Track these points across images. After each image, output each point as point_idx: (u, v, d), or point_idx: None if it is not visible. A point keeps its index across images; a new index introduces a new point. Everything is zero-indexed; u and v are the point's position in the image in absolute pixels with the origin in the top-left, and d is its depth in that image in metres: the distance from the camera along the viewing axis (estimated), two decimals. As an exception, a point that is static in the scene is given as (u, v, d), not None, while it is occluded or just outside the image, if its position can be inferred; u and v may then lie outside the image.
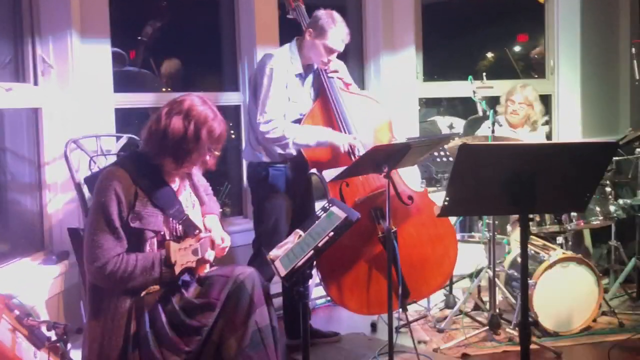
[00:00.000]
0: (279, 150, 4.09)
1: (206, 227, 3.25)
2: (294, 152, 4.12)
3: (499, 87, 5.52)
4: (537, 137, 5.43)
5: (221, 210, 3.66)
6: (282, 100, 4.02)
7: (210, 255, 3.13)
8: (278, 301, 4.51)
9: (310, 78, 4.26)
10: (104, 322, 2.90)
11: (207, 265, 3.19)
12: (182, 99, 3.03)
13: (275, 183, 4.15)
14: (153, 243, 2.97)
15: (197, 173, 3.32)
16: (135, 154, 3.12)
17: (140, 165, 3.00)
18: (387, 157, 3.68)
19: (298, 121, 4.15)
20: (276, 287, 4.61)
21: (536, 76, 6.46)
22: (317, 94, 4.27)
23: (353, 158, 4.03)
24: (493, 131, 4.50)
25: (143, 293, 2.92)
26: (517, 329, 4.32)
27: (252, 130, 4.19)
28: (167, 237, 3.02)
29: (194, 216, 3.14)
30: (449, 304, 4.95)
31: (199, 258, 3.03)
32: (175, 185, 3.13)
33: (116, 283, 2.86)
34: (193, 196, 3.26)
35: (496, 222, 4.62)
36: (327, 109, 4.19)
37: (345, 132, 4.12)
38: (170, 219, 3.02)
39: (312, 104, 4.23)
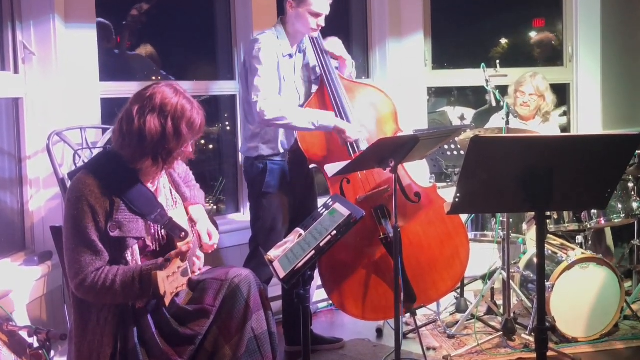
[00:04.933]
0: (280, 138, 4.11)
1: (192, 220, 3.21)
2: (295, 135, 4.12)
3: (513, 75, 5.50)
4: (550, 129, 5.41)
5: (215, 207, 3.64)
6: (275, 79, 4.04)
7: (198, 264, 3.11)
8: (278, 304, 4.52)
9: (300, 57, 4.28)
10: (92, 337, 2.88)
11: (198, 264, 3.17)
12: (151, 92, 2.92)
13: (273, 178, 4.15)
14: (134, 250, 2.93)
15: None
16: (107, 155, 3.04)
17: (113, 169, 2.93)
18: (394, 150, 3.67)
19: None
20: (276, 289, 4.62)
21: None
22: (308, 74, 4.31)
23: (352, 153, 4.02)
24: (507, 122, 4.49)
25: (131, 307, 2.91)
26: (533, 334, 4.31)
27: (248, 123, 4.20)
28: (149, 243, 2.98)
29: (178, 216, 3.08)
30: (460, 308, 4.94)
31: (189, 277, 3.00)
32: (153, 185, 3.08)
33: (97, 297, 2.84)
34: (174, 193, 3.20)
35: (511, 220, 4.61)
36: (324, 101, 4.19)
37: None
38: (152, 224, 2.97)
39: (303, 84, 4.26)
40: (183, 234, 2.98)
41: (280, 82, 4.08)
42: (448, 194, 4.53)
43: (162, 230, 3.01)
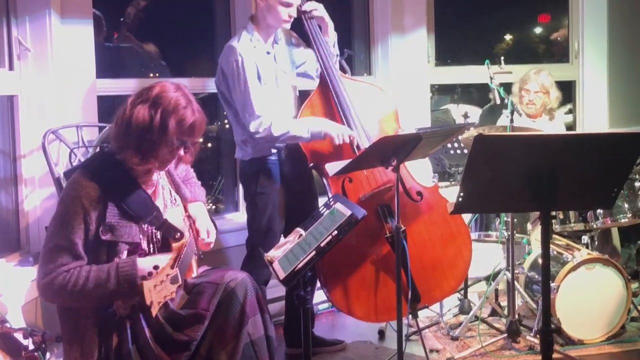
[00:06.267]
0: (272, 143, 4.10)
1: (191, 217, 3.20)
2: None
3: (518, 72, 5.50)
4: (556, 126, 5.41)
5: (214, 206, 3.63)
6: (261, 92, 4.01)
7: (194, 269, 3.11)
8: (278, 306, 4.52)
9: (278, 48, 4.26)
10: (82, 344, 2.85)
11: (194, 269, 3.16)
12: (152, 85, 2.92)
13: (268, 177, 4.14)
14: (125, 256, 2.90)
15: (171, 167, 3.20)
16: (104, 156, 3.03)
17: (110, 170, 2.91)
18: (396, 149, 3.67)
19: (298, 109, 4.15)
20: (276, 290, 4.62)
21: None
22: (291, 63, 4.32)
23: (356, 151, 4.02)
24: (512, 120, 4.48)
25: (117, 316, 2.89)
26: (538, 336, 4.31)
27: (237, 127, 4.19)
28: (144, 246, 2.96)
29: (174, 215, 3.05)
30: (464, 309, 4.94)
31: (180, 284, 2.97)
32: (151, 188, 3.05)
33: (67, 298, 2.79)
34: (174, 194, 3.19)
35: (515, 219, 4.60)
36: (327, 98, 4.19)
37: (346, 123, 4.11)
38: (146, 226, 2.95)
39: (285, 77, 4.24)
40: (178, 234, 2.96)
41: (265, 90, 4.05)
42: (451, 193, 4.52)
43: (158, 233, 3.00)
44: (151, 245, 3.00)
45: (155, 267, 2.85)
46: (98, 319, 2.86)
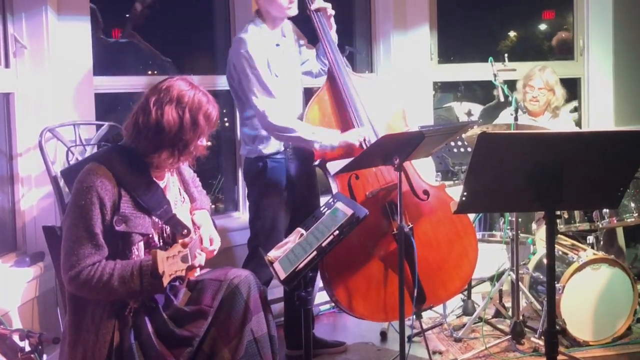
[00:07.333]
0: (277, 140, 4.10)
1: (195, 224, 3.23)
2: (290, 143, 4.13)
3: (522, 69, 5.49)
4: (561, 124, 5.40)
5: (213, 206, 3.64)
6: (271, 80, 4.04)
7: (200, 259, 3.12)
8: (278, 307, 4.51)
9: (285, 41, 4.27)
10: (87, 336, 2.88)
11: (198, 269, 3.17)
12: (167, 85, 2.99)
13: (273, 176, 4.15)
14: (140, 247, 2.95)
15: (182, 165, 3.29)
16: (118, 148, 3.06)
17: (125, 162, 2.96)
18: (398, 147, 3.67)
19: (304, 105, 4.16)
20: (276, 291, 4.62)
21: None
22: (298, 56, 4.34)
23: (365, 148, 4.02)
24: (516, 118, 4.48)
25: (127, 311, 2.92)
26: (542, 337, 4.31)
27: (244, 126, 4.21)
28: (156, 239, 3.00)
29: (182, 213, 3.11)
30: (467, 310, 4.93)
31: (189, 265, 3.00)
32: (163, 182, 3.11)
33: (91, 292, 2.83)
34: (183, 192, 3.25)
35: (519, 219, 4.60)
36: (335, 93, 4.19)
37: (356, 119, 4.12)
38: (157, 219, 2.99)
39: (294, 71, 4.26)
40: (185, 231, 3.01)
41: (274, 79, 4.07)
42: (455, 192, 4.52)
43: (167, 228, 3.04)
44: (161, 240, 3.04)
45: (167, 241, 2.95)
46: (110, 310, 2.89)
